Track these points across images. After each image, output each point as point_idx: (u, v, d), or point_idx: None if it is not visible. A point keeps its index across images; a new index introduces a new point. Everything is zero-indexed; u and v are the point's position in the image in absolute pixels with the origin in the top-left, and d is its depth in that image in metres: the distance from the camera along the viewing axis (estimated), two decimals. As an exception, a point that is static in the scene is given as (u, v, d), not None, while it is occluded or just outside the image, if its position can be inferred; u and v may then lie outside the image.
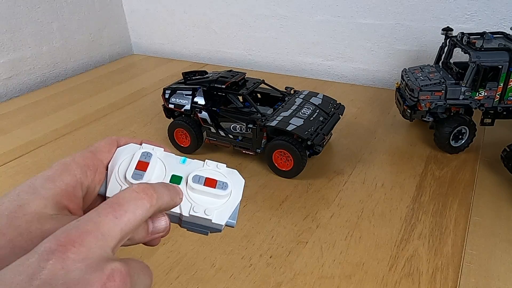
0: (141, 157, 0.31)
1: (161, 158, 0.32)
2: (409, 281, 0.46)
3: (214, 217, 0.30)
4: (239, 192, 0.31)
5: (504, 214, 0.55)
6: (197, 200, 0.30)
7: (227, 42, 1.23)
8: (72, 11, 1.22)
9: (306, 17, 1.07)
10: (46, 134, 0.85)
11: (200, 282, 0.47)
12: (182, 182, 0.31)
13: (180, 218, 0.31)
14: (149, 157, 0.31)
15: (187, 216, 0.30)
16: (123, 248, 0.53)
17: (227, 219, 0.30)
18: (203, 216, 0.30)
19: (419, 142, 0.73)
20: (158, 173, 0.31)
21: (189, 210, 0.30)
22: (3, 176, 0.71)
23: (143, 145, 0.32)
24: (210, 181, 0.30)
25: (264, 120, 0.64)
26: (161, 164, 0.32)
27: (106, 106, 0.97)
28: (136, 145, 0.32)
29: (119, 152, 0.32)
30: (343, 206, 0.58)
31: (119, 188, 0.30)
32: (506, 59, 0.61)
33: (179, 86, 0.71)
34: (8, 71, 1.09)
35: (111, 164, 0.31)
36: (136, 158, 0.31)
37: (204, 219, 0.30)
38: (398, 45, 0.98)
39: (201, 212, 0.30)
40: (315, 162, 0.69)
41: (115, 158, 0.31)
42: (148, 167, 0.30)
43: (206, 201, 0.30)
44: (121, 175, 0.30)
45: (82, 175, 0.29)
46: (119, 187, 0.30)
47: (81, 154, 0.30)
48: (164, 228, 0.29)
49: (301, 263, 0.49)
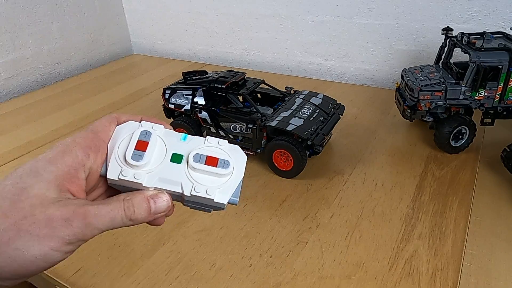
0: (140, 136, 0.30)
1: (161, 136, 0.31)
2: (409, 281, 0.46)
3: (216, 196, 0.29)
4: (242, 169, 0.30)
5: (504, 214, 0.55)
6: (198, 179, 0.29)
7: (227, 42, 1.23)
8: (72, 11, 1.22)
9: (306, 17, 1.07)
10: (46, 134, 0.85)
11: (200, 282, 0.47)
12: (183, 161, 0.30)
13: (182, 197, 0.30)
14: (149, 136, 0.30)
15: (188, 196, 0.29)
16: (126, 244, 0.53)
17: (229, 197, 0.30)
18: (204, 196, 0.29)
19: (419, 142, 0.73)
20: (158, 153, 0.30)
21: (190, 189, 0.29)
22: (3, 176, 0.71)
23: (142, 123, 0.31)
24: (211, 160, 0.30)
25: (264, 120, 0.64)
26: (161, 142, 0.31)
27: (106, 106, 0.97)
28: (136, 122, 0.31)
29: (118, 130, 0.31)
30: (343, 206, 0.58)
31: (119, 170, 0.29)
32: (506, 59, 0.61)
33: (179, 86, 0.71)
34: (8, 71, 1.09)
35: (111, 143, 0.30)
36: (135, 138, 0.30)
37: (206, 198, 0.29)
38: (398, 45, 0.98)
39: (203, 192, 0.29)
40: (315, 162, 0.69)
41: (114, 137, 0.30)
42: (147, 147, 0.30)
43: (208, 180, 0.30)
44: (121, 155, 0.29)
45: (84, 156, 0.28)
46: (119, 169, 0.29)
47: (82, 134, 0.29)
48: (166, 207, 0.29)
49: (301, 263, 0.49)
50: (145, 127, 0.31)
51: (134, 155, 0.29)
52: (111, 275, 0.49)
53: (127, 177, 0.29)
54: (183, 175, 0.30)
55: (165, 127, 0.32)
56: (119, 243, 0.53)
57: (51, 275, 0.49)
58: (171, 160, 0.30)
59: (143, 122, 0.31)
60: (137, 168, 0.29)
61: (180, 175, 0.30)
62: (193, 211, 0.58)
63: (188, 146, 0.31)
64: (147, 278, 0.48)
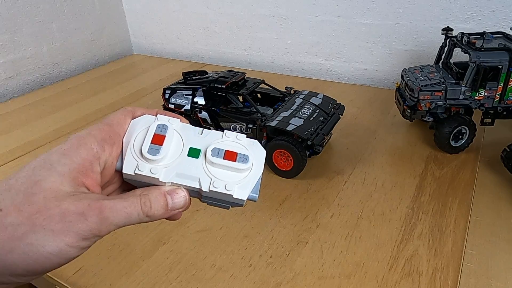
0: (156, 129, 0.29)
1: (178, 130, 0.30)
2: (409, 281, 0.46)
3: (235, 192, 0.28)
4: (261, 164, 0.29)
5: (504, 214, 0.55)
6: (217, 175, 0.29)
7: (227, 42, 1.23)
8: (72, 11, 1.22)
9: (306, 17, 1.07)
10: (46, 134, 0.85)
11: (200, 282, 0.47)
12: (200, 155, 0.29)
13: (200, 193, 0.29)
14: (165, 129, 0.29)
15: (207, 192, 0.28)
16: (126, 244, 0.53)
17: (249, 193, 0.29)
18: (223, 192, 0.28)
19: (419, 142, 0.73)
20: (175, 147, 0.29)
21: (209, 185, 0.28)
22: (3, 176, 0.71)
23: (158, 116, 0.30)
24: (230, 154, 0.29)
25: (264, 120, 0.64)
26: (178, 136, 0.30)
27: (106, 106, 0.97)
28: (152, 116, 0.31)
29: (134, 124, 0.30)
30: (343, 206, 0.58)
31: (135, 164, 0.28)
32: (506, 59, 0.61)
33: (179, 86, 0.71)
34: (8, 71, 1.09)
35: (126, 137, 0.29)
36: (151, 131, 0.29)
37: (225, 194, 0.28)
38: (398, 45, 0.98)
39: (222, 188, 0.28)
40: (315, 162, 0.69)
41: (130, 130, 0.30)
42: (164, 141, 0.29)
43: (226, 175, 0.29)
44: (137, 149, 0.29)
45: (99, 149, 0.27)
46: (135, 163, 0.28)
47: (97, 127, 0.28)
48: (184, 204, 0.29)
49: (301, 263, 0.49)
50: (162, 121, 0.30)
51: (150, 149, 0.28)
52: (111, 275, 0.49)
53: (143, 172, 0.28)
54: (201, 170, 0.29)
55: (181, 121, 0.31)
56: (119, 243, 0.53)
57: (51, 275, 0.49)
58: (188, 154, 0.29)
59: (159, 115, 0.30)
60: (153, 162, 0.28)
61: (198, 170, 0.29)
62: (193, 211, 0.58)
63: (205, 141, 0.30)
64: (147, 278, 0.48)
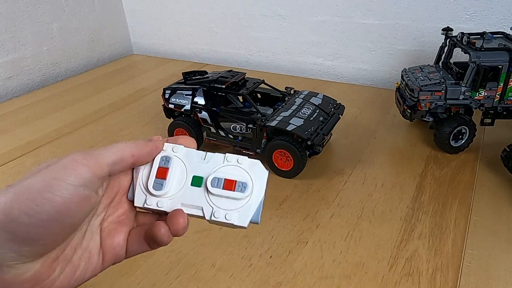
0: (160, 162, 0.31)
1: (181, 158, 0.32)
2: (409, 281, 0.46)
3: (236, 220, 0.30)
4: (262, 187, 0.30)
5: (504, 214, 0.55)
6: (217, 204, 0.30)
7: (227, 42, 1.23)
8: (72, 11, 1.22)
9: (306, 17, 1.07)
10: (46, 134, 0.85)
11: (200, 282, 0.47)
12: (203, 184, 0.31)
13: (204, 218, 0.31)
14: (168, 161, 0.31)
15: (210, 220, 0.30)
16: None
17: (250, 218, 0.30)
18: (224, 221, 0.30)
19: (419, 142, 0.73)
20: (178, 176, 0.31)
21: (210, 215, 0.30)
22: (3, 176, 0.71)
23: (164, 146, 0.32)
24: (228, 183, 0.30)
25: (264, 120, 0.64)
26: (181, 165, 0.31)
27: (106, 106, 0.97)
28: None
29: None
30: (343, 206, 0.58)
31: (144, 198, 0.31)
32: (506, 59, 0.61)
33: (179, 86, 0.71)
34: (8, 71, 1.09)
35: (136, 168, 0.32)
36: (156, 165, 0.31)
37: (226, 223, 0.30)
38: (398, 45, 0.98)
39: (222, 217, 0.30)
40: (315, 162, 0.69)
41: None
42: (168, 174, 0.31)
43: (227, 203, 0.30)
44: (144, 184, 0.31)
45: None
46: (144, 197, 0.31)
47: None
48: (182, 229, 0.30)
49: (301, 263, 0.49)
50: (166, 152, 0.32)
51: (155, 184, 0.31)
52: (111, 275, 0.49)
53: (151, 206, 0.31)
54: (203, 199, 0.30)
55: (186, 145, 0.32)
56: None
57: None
58: (191, 183, 0.31)
59: (165, 144, 0.32)
60: (159, 196, 0.31)
61: (201, 199, 0.30)
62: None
63: (207, 167, 0.31)
64: (147, 278, 0.48)
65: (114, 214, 0.32)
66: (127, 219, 0.32)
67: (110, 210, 0.31)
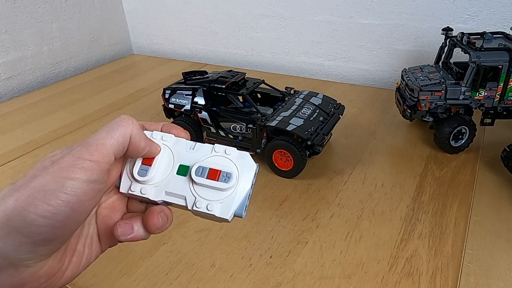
0: None
1: (170, 146, 0.31)
2: (409, 281, 0.46)
3: (217, 211, 0.29)
4: (249, 179, 0.30)
5: (504, 214, 0.55)
6: (200, 193, 0.29)
7: (227, 42, 1.23)
8: (72, 11, 1.22)
9: (306, 17, 1.07)
10: (46, 134, 0.85)
11: (200, 282, 0.47)
12: (188, 173, 0.30)
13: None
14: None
15: (191, 210, 0.29)
16: (126, 244, 0.53)
17: (233, 211, 0.29)
18: (205, 211, 0.29)
19: (419, 142, 0.73)
20: (165, 164, 0.31)
21: (192, 204, 0.29)
22: (3, 176, 0.71)
23: (153, 133, 0.32)
24: (213, 173, 0.29)
25: (264, 120, 0.64)
26: (169, 153, 0.31)
27: (106, 106, 0.97)
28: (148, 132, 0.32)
29: None
30: (343, 206, 0.58)
31: (129, 184, 0.30)
32: (506, 59, 0.61)
33: (179, 86, 0.71)
34: (8, 71, 1.09)
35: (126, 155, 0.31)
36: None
37: (207, 214, 0.29)
38: (398, 45, 0.98)
39: (203, 207, 0.29)
40: (315, 162, 0.69)
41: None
42: (154, 161, 0.30)
43: (210, 194, 0.29)
44: (129, 170, 0.31)
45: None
46: (129, 183, 0.30)
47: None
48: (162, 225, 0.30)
49: (301, 263, 0.49)
50: (155, 139, 0.31)
51: (140, 170, 0.30)
52: (111, 275, 0.49)
53: (135, 192, 0.30)
54: (187, 189, 0.30)
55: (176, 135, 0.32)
56: (119, 243, 0.53)
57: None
58: (177, 172, 0.30)
59: (154, 132, 0.32)
60: (143, 182, 0.30)
61: (185, 189, 0.30)
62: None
63: (195, 156, 0.30)
64: (147, 278, 0.48)
65: (108, 200, 0.32)
66: (120, 205, 0.32)
67: (105, 197, 0.32)
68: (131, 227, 0.30)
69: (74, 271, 0.29)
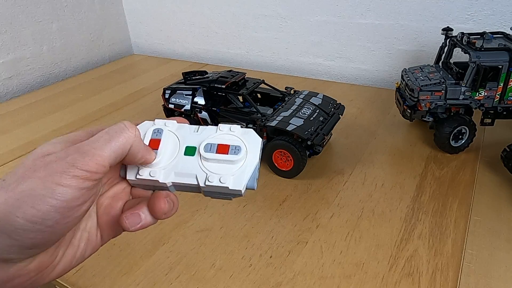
0: (152, 134, 0.31)
1: (174, 131, 0.31)
2: (409, 281, 0.46)
3: (230, 183, 0.29)
4: (256, 153, 0.30)
5: (504, 214, 0.55)
6: (212, 169, 0.29)
7: (227, 42, 1.23)
8: (72, 11, 1.22)
9: (306, 17, 1.07)
10: (46, 134, 0.85)
11: (200, 282, 0.47)
12: (196, 153, 0.30)
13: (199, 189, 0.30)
14: (160, 133, 0.31)
15: (204, 186, 0.29)
16: (126, 244, 0.53)
17: (245, 183, 0.29)
18: (219, 185, 0.29)
19: (419, 142, 0.73)
20: (171, 148, 0.31)
21: (204, 180, 0.29)
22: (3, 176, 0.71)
23: (155, 121, 0.32)
24: (222, 147, 0.30)
25: (264, 120, 0.64)
26: (174, 137, 0.31)
27: (106, 106, 0.97)
28: (150, 121, 0.32)
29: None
30: (343, 206, 0.58)
31: (136, 170, 0.30)
32: (506, 59, 0.61)
33: (179, 86, 0.71)
34: (8, 71, 1.09)
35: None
36: (148, 137, 0.31)
37: (220, 187, 0.29)
38: (398, 45, 0.98)
39: (216, 181, 0.29)
40: (315, 162, 0.69)
41: None
42: (160, 144, 0.30)
43: (221, 168, 0.29)
44: None
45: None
46: (136, 169, 0.30)
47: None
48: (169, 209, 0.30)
49: (301, 263, 0.49)
50: (158, 125, 0.31)
51: None
52: (111, 275, 0.49)
53: (143, 176, 0.30)
54: (197, 167, 0.30)
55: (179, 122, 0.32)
56: (119, 243, 0.53)
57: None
58: (184, 153, 0.30)
59: (156, 120, 0.32)
60: (152, 166, 0.30)
61: (194, 167, 0.30)
62: (193, 211, 0.58)
63: (200, 137, 0.31)
64: (147, 278, 0.48)
65: (111, 190, 0.31)
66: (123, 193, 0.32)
67: (107, 187, 0.31)
68: (138, 215, 0.29)
69: (66, 265, 0.29)
